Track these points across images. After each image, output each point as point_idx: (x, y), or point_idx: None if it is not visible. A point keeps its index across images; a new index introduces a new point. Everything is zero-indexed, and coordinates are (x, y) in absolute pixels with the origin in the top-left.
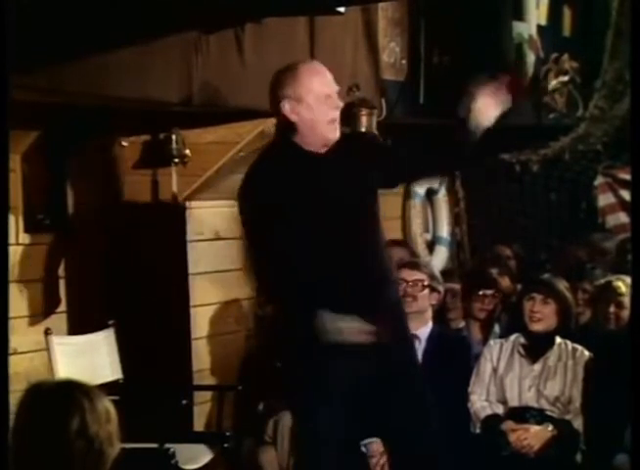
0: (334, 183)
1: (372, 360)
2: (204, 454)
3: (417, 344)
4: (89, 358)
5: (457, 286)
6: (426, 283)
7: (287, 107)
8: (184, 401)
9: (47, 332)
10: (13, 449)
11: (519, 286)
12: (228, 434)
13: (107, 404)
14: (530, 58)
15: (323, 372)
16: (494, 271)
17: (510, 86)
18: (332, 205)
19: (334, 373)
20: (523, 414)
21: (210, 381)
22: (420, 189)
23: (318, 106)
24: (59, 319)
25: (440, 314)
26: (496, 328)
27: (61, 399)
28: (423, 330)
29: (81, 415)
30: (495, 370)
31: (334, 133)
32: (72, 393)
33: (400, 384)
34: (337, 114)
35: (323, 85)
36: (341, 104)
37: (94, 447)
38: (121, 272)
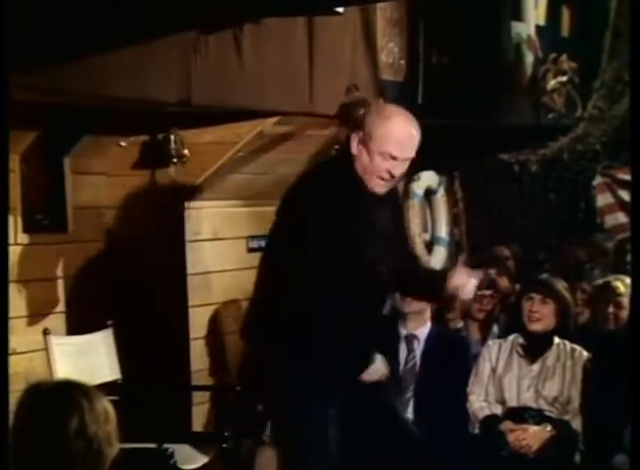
0: (378, 223)
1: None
2: (202, 455)
3: (416, 344)
4: (88, 359)
5: None
6: None
7: (354, 140)
8: (183, 402)
9: (46, 332)
10: (12, 449)
11: (517, 286)
12: (227, 434)
13: (106, 405)
14: (529, 58)
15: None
16: (493, 272)
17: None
18: (370, 241)
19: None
20: (521, 414)
21: (209, 381)
22: (418, 189)
23: (378, 159)
24: (57, 319)
25: (439, 314)
26: (495, 328)
27: (60, 399)
28: (422, 330)
29: (80, 415)
30: (494, 370)
31: (379, 188)
32: (71, 393)
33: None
34: (387, 176)
35: (396, 146)
36: (397, 172)
37: (93, 448)
38: (120, 272)
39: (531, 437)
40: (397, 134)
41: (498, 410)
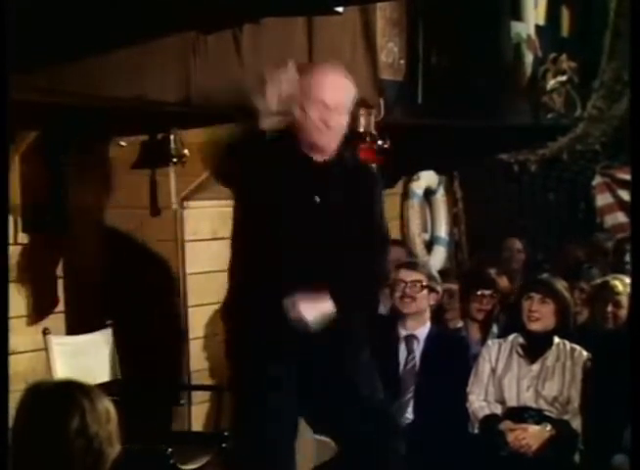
0: (314, 191)
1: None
2: (201, 455)
3: (415, 344)
4: (87, 358)
5: (454, 286)
6: (424, 283)
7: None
8: (182, 402)
9: (45, 332)
10: (12, 449)
11: (517, 286)
12: (226, 434)
13: (107, 405)
14: (529, 58)
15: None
16: (492, 271)
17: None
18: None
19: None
20: (521, 414)
21: (208, 381)
22: (418, 189)
23: (313, 112)
24: (57, 319)
25: (437, 314)
26: (494, 328)
27: (60, 399)
28: (421, 330)
29: (81, 415)
30: (494, 370)
31: (323, 139)
32: (72, 393)
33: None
34: (323, 125)
35: (327, 93)
36: (333, 122)
37: (94, 447)
38: (119, 272)
39: (531, 436)
40: (326, 82)
41: (498, 410)
